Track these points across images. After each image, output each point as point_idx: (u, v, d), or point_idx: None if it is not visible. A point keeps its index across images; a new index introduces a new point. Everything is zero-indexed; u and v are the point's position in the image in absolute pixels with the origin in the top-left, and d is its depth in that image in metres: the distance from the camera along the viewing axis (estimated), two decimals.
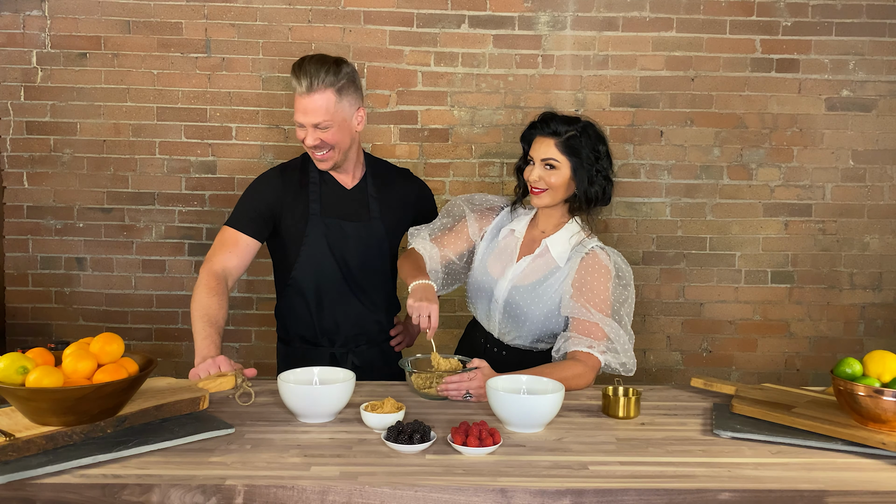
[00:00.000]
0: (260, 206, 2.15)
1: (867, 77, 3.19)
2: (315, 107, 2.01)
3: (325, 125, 2.03)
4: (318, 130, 2.04)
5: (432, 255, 2.16)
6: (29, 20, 3.08)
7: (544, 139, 2.04)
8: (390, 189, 2.26)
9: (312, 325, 2.21)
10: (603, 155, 2.06)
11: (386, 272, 2.27)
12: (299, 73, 2.01)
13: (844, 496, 1.38)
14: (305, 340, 2.23)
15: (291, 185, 2.18)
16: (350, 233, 2.18)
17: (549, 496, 1.36)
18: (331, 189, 2.20)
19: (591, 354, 1.95)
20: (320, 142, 2.05)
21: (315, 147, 2.07)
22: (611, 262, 2.04)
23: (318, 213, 2.16)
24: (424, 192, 2.37)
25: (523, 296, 2.06)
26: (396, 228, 2.27)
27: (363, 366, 2.23)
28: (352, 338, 2.23)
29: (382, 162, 2.34)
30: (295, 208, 2.16)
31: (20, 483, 1.34)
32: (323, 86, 2.00)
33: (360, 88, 2.12)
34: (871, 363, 1.63)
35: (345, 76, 2.04)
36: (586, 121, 2.07)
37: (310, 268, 2.18)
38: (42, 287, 3.21)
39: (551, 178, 2.02)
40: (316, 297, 2.19)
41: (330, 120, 2.03)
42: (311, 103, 2.01)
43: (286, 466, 1.44)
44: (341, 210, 2.18)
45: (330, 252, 2.17)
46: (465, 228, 2.20)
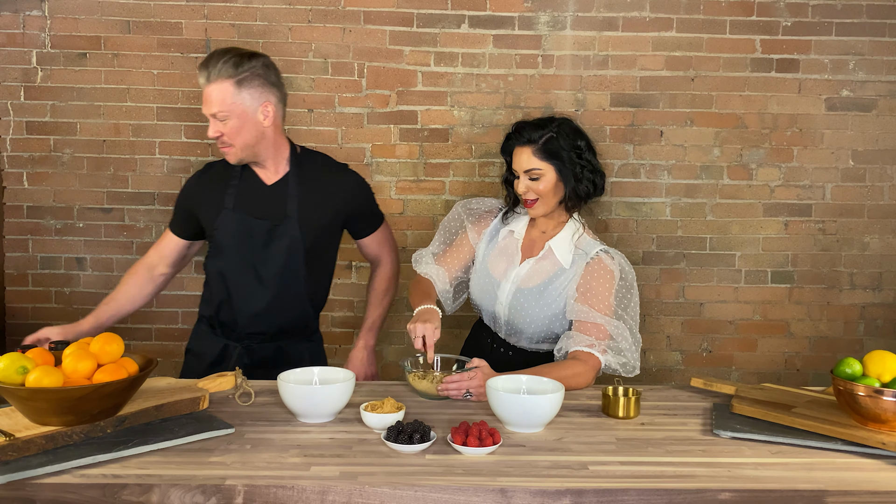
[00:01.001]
0: (181, 203, 2.27)
1: (867, 77, 3.19)
2: (212, 97, 2.04)
3: (221, 116, 2.04)
4: (218, 122, 2.06)
5: (440, 277, 2.18)
6: (29, 20, 3.07)
7: (522, 149, 2.03)
8: (316, 187, 2.20)
9: (215, 313, 2.24)
10: (584, 149, 2.04)
11: (297, 272, 2.19)
12: (204, 66, 2.05)
13: (844, 496, 1.38)
14: (208, 324, 2.28)
15: (211, 180, 2.23)
16: (257, 230, 2.15)
17: (549, 496, 1.36)
18: (249, 185, 2.19)
19: (591, 354, 1.95)
20: (220, 133, 2.07)
21: (215, 138, 2.09)
22: (615, 266, 2.04)
23: (230, 208, 2.17)
24: (358, 190, 2.28)
25: (528, 298, 2.06)
26: (319, 228, 2.19)
27: (253, 363, 2.21)
28: (246, 335, 2.22)
29: (317, 158, 2.28)
30: (211, 202, 2.19)
31: (20, 483, 1.34)
32: (220, 77, 2.02)
33: (274, 85, 2.12)
34: (871, 363, 1.63)
35: (249, 69, 2.05)
36: (560, 118, 2.05)
37: (217, 260, 2.20)
38: (42, 287, 3.21)
39: (539, 187, 2.02)
40: (220, 287, 2.21)
41: (227, 111, 2.04)
42: (208, 93, 2.04)
43: (286, 466, 1.44)
44: (255, 207, 2.17)
45: (235, 247, 2.17)
46: (466, 239, 2.21)
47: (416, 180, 3.19)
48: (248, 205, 2.17)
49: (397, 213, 3.21)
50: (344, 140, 3.17)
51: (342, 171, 2.28)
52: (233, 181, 2.19)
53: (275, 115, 2.12)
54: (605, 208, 3.22)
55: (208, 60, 2.05)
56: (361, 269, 3.23)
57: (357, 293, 3.23)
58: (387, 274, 2.42)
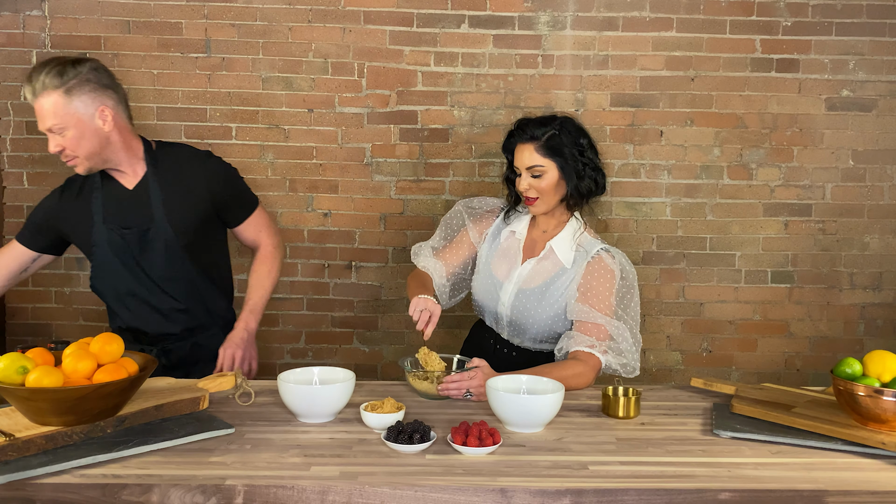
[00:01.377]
0: (38, 219, 2.20)
1: (867, 77, 3.19)
2: (43, 111, 1.96)
3: (58, 129, 1.98)
4: (57, 136, 1.99)
5: (438, 271, 2.18)
6: (29, 20, 3.08)
7: (524, 146, 2.03)
8: (177, 182, 2.15)
9: (124, 325, 2.22)
10: (586, 147, 2.04)
11: (185, 269, 2.17)
12: (28, 81, 1.98)
13: (844, 496, 1.38)
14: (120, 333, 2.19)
15: (72, 194, 2.16)
16: (130, 240, 2.12)
17: (549, 496, 1.36)
18: (112, 192, 2.14)
19: (591, 354, 1.95)
20: (61, 147, 2.02)
21: (59, 153, 2.03)
22: (616, 266, 2.04)
23: (100, 222, 2.13)
24: (222, 176, 2.21)
25: (530, 299, 2.06)
26: (191, 223, 2.15)
27: (171, 364, 2.21)
28: (158, 337, 2.21)
29: (176, 151, 2.21)
30: (78, 217, 2.14)
31: (20, 483, 1.34)
32: (46, 89, 1.95)
33: (107, 87, 2.05)
34: (871, 363, 1.63)
35: (75, 76, 1.97)
36: (562, 116, 2.06)
37: (105, 276, 2.18)
38: (42, 287, 3.20)
39: (541, 184, 2.02)
40: (117, 301, 2.20)
41: (62, 124, 1.97)
42: (39, 108, 1.97)
43: (286, 466, 1.44)
44: (123, 217, 2.12)
45: (119, 260, 2.14)
46: (466, 236, 2.21)
47: (416, 180, 3.19)
48: (115, 214, 2.12)
49: (397, 213, 3.21)
50: (344, 140, 3.17)
51: (202, 160, 2.20)
52: (95, 192, 2.14)
53: (115, 118, 2.05)
54: (605, 208, 3.22)
55: (31, 74, 1.96)
56: (361, 269, 3.23)
57: (357, 293, 3.24)
58: (268, 253, 2.30)
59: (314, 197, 3.19)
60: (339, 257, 3.22)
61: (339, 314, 3.26)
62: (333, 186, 3.18)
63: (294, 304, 3.24)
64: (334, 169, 3.18)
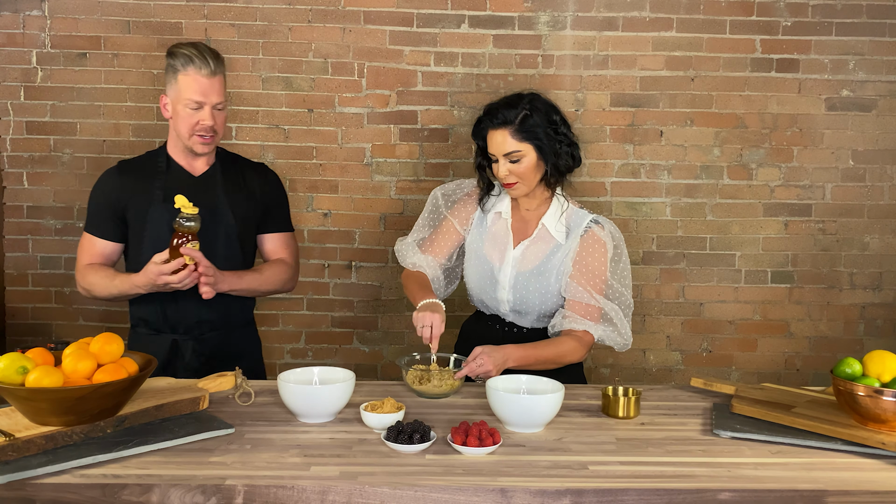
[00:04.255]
0: (103, 205, 2.21)
1: (867, 77, 3.19)
2: (219, 87, 2.13)
3: (220, 106, 2.14)
4: (216, 112, 2.14)
5: (430, 265, 2.17)
6: (29, 20, 3.08)
7: (497, 131, 1.98)
8: (238, 177, 2.28)
9: (156, 312, 2.20)
10: (560, 123, 2.01)
11: (234, 259, 2.23)
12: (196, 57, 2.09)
13: (844, 496, 1.38)
14: (148, 325, 2.23)
15: (132, 177, 2.21)
16: None
17: (548, 496, 1.36)
18: (177, 177, 2.21)
19: (585, 331, 2.00)
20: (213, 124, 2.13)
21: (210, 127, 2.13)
22: (607, 236, 2.07)
23: (160, 201, 2.17)
24: (275, 181, 2.37)
25: (530, 280, 2.06)
26: (246, 216, 2.25)
27: (206, 354, 2.22)
28: (195, 325, 2.22)
29: (233, 154, 2.36)
30: (138, 198, 2.18)
31: (20, 483, 1.34)
32: (220, 71, 2.14)
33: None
34: (871, 363, 1.63)
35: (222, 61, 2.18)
36: (529, 94, 2.02)
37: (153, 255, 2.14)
38: (42, 287, 3.21)
39: (520, 169, 1.99)
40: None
41: (223, 103, 2.16)
42: (215, 83, 2.12)
43: (286, 466, 1.44)
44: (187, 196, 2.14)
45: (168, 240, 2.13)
46: (451, 225, 2.19)
47: (416, 180, 3.19)
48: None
49: (397, 213, 3.21)
50: (344, 140, 3.17)
51: (262, 166, 2.37)
52: (158, 175, 2.21)
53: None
54: (605, 208, 3.22)
55: (204, 54, 2.11)
56: (361, 269, 3.23)
57: (357, 293, 3.24)
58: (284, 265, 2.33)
59: (314, 197, 3.19)
60: (339, 257, 3.22)
61: (339, 314, 3.26)
62: (333, 186, 3.18)
63: (294, 304, 3.24)
64: (334, 169, 3.18)
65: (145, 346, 2.19)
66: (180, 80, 2.11)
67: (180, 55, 2.11)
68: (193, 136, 2.14)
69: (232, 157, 2.33)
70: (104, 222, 2.22)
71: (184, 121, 2.13)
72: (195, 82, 2.10)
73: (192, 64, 2.09)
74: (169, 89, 2.16)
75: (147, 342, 2.21)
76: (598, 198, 3.22)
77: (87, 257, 2.22)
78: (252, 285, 2.22)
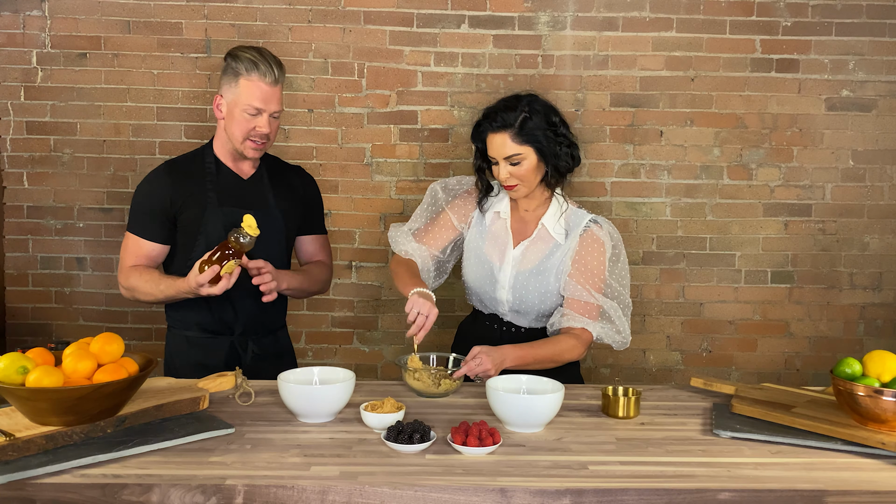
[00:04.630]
0: (155, 206, 2.16)
1: (867, 77, 3.19)
2: (279, 96, 2.13)
3: (277, 115, 2.14)
4: (272, 119, 2.13)
5: (421, 254, 2.15)
6: (29, 20, 3.08)
7: (497, 135, 1.99)
8: (283, 180, 2.30)
9: (211, 315, 2.19)
10: (559, 124, 2.02)
11: (284, 261, 2.27)
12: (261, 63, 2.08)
13: (844, 496, 1.38)
14: (204, 329, 2.22)
15: (182, 179, 2.18)
16: None
17: (548, 496, 1.36)
18: (227, 179, 2.21)
19: (584, 329, 2.01)
20: (269, 132, 2.13)
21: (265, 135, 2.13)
22: (605, 235, 2.08)
23: (215, 203, 2.16)
24: (314, 185, 2.41)
25: (529, 280, 2.06)
26: (292, 214, 2.28)
27: (262, 353, 2.23)
28: (251, 327, 2.22)
29: (273, 156, 2.37)
30: (190, 200, 2.16)
31: (20, 483, 1.34)
32: (282, 80, 2.13)
33: None
34: (871, 363, 1.63)
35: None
36: (527, 95, 2.02)
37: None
38: (42, 287, 3.21)
39: (520, 171, 2.00)
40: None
41: (280, 111, 2.16)
42: (276, 92, 2.12)
43: (286, 466, 1.44)
44: (239, 199, 2.18)
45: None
46: (449, 219, 2.19)
47: (416, 180, 3.19)
48: (233, 199, 2.18)
49: (397, 213, 3.21)
50: (344, 140, 3.17)
51: (298, 170, 2.40)
52: (209, 177, 2.20)
53: None
54: (605, 208, 3.22)
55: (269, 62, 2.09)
56: (361, 269, 3.23)
57: (357, 293, 3.24)
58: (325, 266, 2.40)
59: None
60: (339, 257, 3.22)
61: (339, 314, 3.26)
62: (333, 186, 3.18)
63: (294, 304, 3.23)
64: (334, 169, 3.18)
65: (202, 350, 2.19)
66: (242, 85, 2.08)
67: (244, 59, 2.08)
68: (247, 142, 2.12)
69: (272, 158, 2.33)
70: (152, 224, 2.17)
71: (239, 125, 2.11)
72: (258, 89, 2.07)
73: (256, 70, 2.07)
74: (226, 91, 2.12)
75: (204, 345, 2.20)
76: (597, 198, 3.22)
77: (132, 258, 2.17)
78: (304, 285, 2.26)
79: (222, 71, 2.15)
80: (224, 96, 2.13)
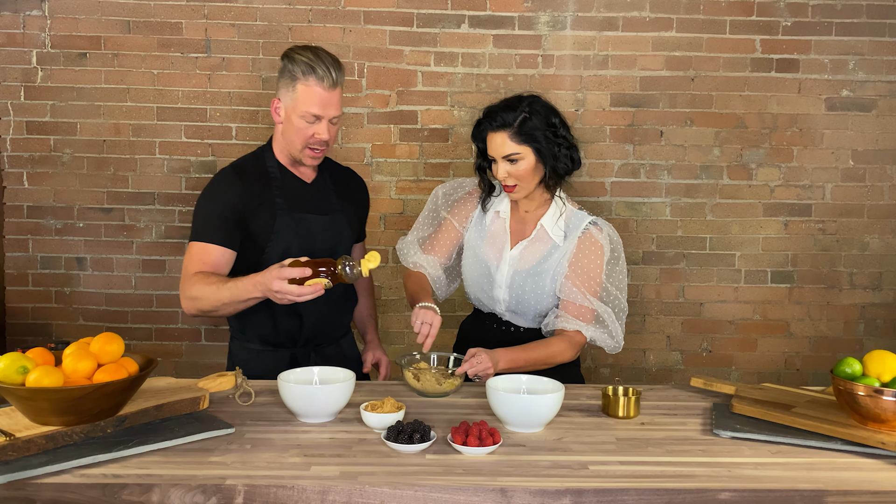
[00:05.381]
0: (225, 211, 2.03)
1: (867, 77, 3.19)
2: (338, 100, 2.02)
3: (336, 119, 2.04)
4: (332, 125, 2.03)
5: (432, 265, 2.17)
6: (29, 20, 3.08)
7: (496, 134, 1.99)
8: (343, 184, 2.25)
9: (274, 326, 2.11)
10: (559, 126, 2.01)
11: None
12: (318, 66, 1.97)
13: (844, 496, 1.38)
14: (265, 342, 2.13)
15: (252, 183, 2.08)
16: (317, 227, 2.11)
17: (549, 496, 1.36)
18: (291, 184, 2.12)
19: (577, 331, 2.01)
20: (329, 138, 2.04)
21: (325, 141, 2.04)
22: (605, 238, 2.07)
23: (284, 209, 2.08)
24: (365, 189, 2.36)
25: (526, 280, 2.06)
26: (353, 218, 2.24)
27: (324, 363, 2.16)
28: (313, 337, 2.15)
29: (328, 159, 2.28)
30: (260, 206, 2.06)
31: (20, 483, 1.34)
32: (340, 82, 2.02)
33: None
34: (871, 363, 1.63)
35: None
36: (529, 96, 2.02)
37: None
38: (42, 287, 3.21)
39: (518, 171, 2.00)
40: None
41: (340, 115, 2.06)
42: (334, 96, 2.00)
43: (286, 466, 1.44)
44: (307, 204, 2.12)
45: (297, 246, 2.08)
46: (451, 225, 2.20)
47: (416, 180, 3.19)
48: (301, 204, 2.11)
49: (397, 213, 3.21)
50: (344, 140, 3.17)
51: (353, 172, 2.34)
52: (274, 182, 2.10)
53: None
54: (605, 208, 3.22)
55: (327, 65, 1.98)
56: None
57: None
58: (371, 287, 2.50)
59: None
60: None
61: None
62: None
63: None
64: None
65: (264, 361, 2.11)
66: (299, 90, 1.98)
67: (300, 62, 1.98)
68: (306, 150, 2.04)
69: (327, 160, 2.23)
70: (224, 229, 2.02)
71: (298, 132, 2.01)
72: (315, 94, 1.97)
73: (313, 74, 1.96)
74: (283, 95, 2.02)
75: (266, 357, 2.12)
76: (597, 198, 3.22)
77: (197, 266, 2.00)
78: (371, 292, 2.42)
79: (279, 72, 2.05)
80: (282, 100, 2.03)
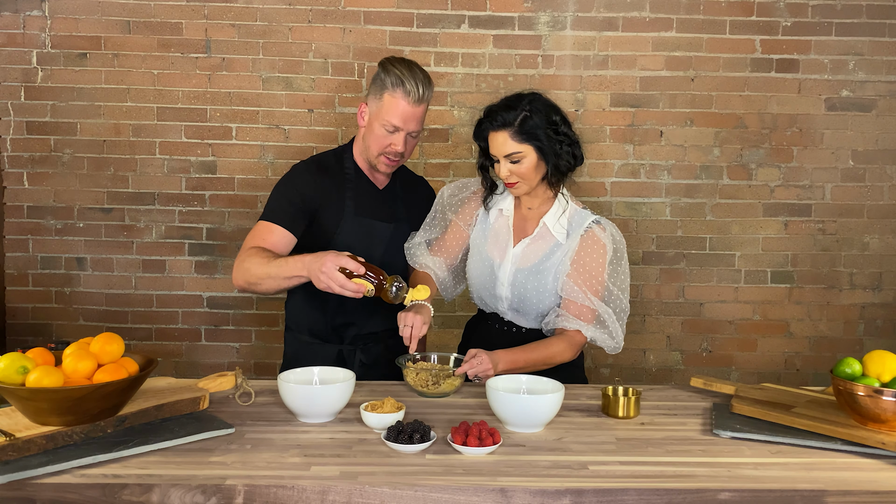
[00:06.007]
0: (296, 199, 2.11)
1: (867, 77, 3.19)
2: (420, 116, 2.08)
3: (415, 134, 2.10)
4: (410, 138, 2.10)
5: (438, 265, 2.18)
6: (29, 20, 3.08)
7: (497, 133, 1.99)
8: (412, 192, 2.29)
9: (325, 322, 2.20)
10: (560, 123, 2.01)
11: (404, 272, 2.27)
12: (408, 81, 2.02)
13: (844, 496, 1.38)
14: (315, 335, 2.22)
15: (328, 179, 2.16)
16: (380, 233, 2.18)
17: (548, 496, 1.36)
18: (364, 187, 2.20)
19: (577, 331, 2.01)
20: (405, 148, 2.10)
21: (400, 153, 2.10)
22: (608, 237, 2.06)
23: (352, 211, 2.15)
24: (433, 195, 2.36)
25: (528, 278, 2.06)
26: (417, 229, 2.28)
27: (369, 363, 2.22)
28: (361, 336, 2.22)
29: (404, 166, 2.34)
30: (331, 204, 2.15)
31: (20, 483, 1.34)
32: (427, 99, 2.07)
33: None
34: (871, 363, 1.63)
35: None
36: (529, 94, 2.02)
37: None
38: (42, 287, 3.21)
39: (521, 169, 2.00)
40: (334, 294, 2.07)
41: (420, 131, 2.12)
42: (418, 112, 2.07)
43: (286, 466, 1.44)
44: (374, 210, 2.19)
45: (357, 251, 2.10)
46: (458, 227, 2.20)
47: None
48: (369, 209, 2.18)
49: None
50: (344, 140, 3.17)
51: (424, 182, 2.38)
52: (349, 184, 2.18)
53: None
54: (605, 208, 3.22)
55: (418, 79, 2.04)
56: None
57: None
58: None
59: None
60: None
61: None
62: None
63: None
64: None
65: (312, 354, 2.17)
66: (385, 100, 2.05)
67: (392, 73, 2.04)
68: (381, 157, 2.10)
69: (402, 168, 2.28)
70: (291, 214, 2.10)
71: (376, 140, 2.08)
72: (399, 107, 2.04)
73: (401, 87, 2.02)
74: (371, 101, 2.09)
75: (314, 352, 2.19)
76: (598, 198, 3.22)
77: (258, 242, 2.06)
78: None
79: (372, 79, 2.10)
80: (368, 106, 2.10)
